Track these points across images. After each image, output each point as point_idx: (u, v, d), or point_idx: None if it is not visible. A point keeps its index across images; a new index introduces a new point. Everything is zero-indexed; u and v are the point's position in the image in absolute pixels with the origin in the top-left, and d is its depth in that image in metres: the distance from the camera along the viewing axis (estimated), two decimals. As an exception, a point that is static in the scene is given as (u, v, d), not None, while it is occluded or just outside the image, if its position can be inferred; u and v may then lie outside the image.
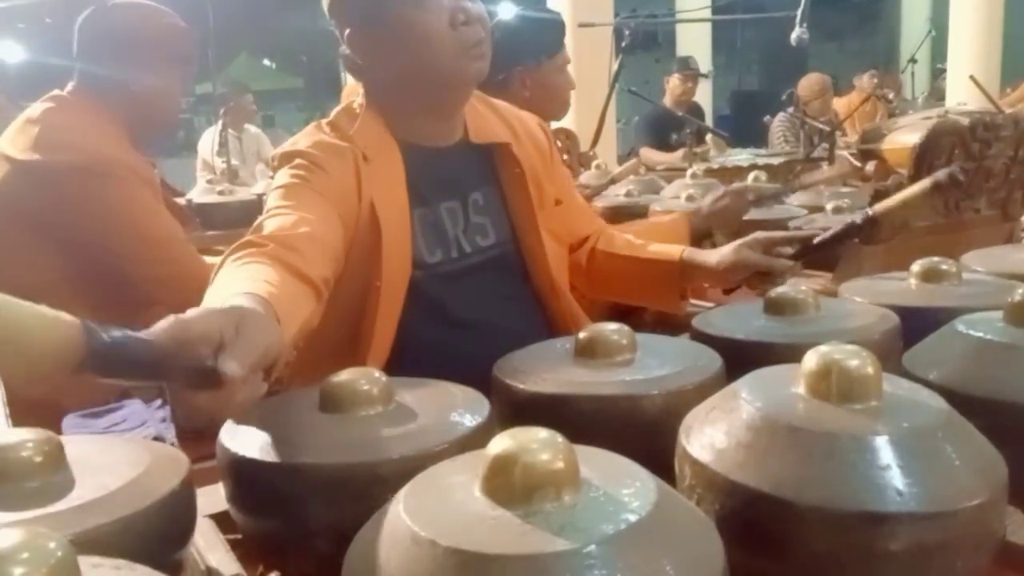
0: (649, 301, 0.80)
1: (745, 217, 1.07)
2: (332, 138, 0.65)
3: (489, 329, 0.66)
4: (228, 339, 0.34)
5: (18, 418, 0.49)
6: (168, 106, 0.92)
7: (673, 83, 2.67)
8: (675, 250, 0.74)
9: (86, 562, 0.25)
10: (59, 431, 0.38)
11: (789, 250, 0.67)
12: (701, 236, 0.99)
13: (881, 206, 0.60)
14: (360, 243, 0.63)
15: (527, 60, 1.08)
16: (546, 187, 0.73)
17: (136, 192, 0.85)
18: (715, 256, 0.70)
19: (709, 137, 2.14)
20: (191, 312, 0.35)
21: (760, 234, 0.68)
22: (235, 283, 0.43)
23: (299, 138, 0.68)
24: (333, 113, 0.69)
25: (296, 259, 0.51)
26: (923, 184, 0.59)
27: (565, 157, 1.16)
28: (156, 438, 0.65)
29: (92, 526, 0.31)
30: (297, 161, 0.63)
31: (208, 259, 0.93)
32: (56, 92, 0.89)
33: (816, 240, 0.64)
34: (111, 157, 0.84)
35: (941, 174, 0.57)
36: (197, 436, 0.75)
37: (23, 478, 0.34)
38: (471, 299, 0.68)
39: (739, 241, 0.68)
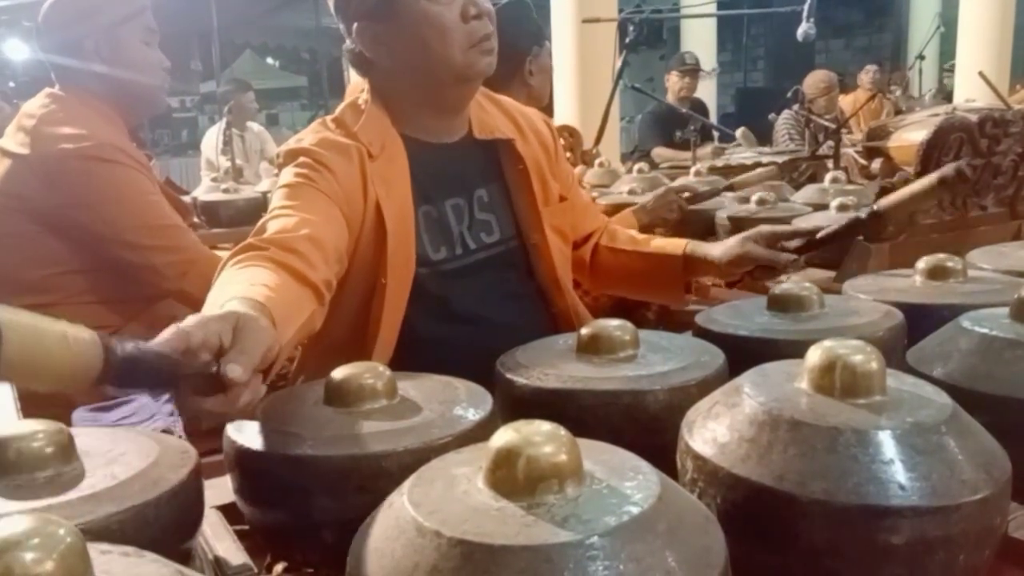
0: (652, 295, 0.80)
1: (749, 215, 1.08)
2: (337, 135, 0.65)
3: (492, 325, 0.67)
4: (227, 344, 0.36)
5: (29, 411, 0.49)
6: (144, 66, 0.90)
7: (672, 80, 2.67)
8: (679, 244, 0.74)
9: (95, 549, 0.26)
10: (69, 424, 0.39)
11: (793, 244, 0.66)
12: (645, 230, 1.06)
13: (886, 201, 0.60)
14: (366, 241, 0.63)
15: (533, 47, 1.11)
16: (550, 183, 0.73)
17: (136, 179, 0.85)
18: (719, 249, 0.70)
19: (739, 132, 2.13)
20: (190, 320, 0.36)
21: (764, 228, 0.68)
22: (233, 287, 0.44)
23: (304, 135, 0.68)
24: (338, 109, 0.69)
25: (296, 262, 0.51)
26: (929, 179, 0.58)
27: (568, 155, 1.19)
28: (164, 431, 0.65)
29: (102, 515, 0.32)
30: (302, 160, 0.63)
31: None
32: (49, 89, 0.89)
33: (820, 235, 0.64)
34: (109, 144, 0.84)
35: (948, 169, 0.56)
36: (205, 430, 0.76)
37: (35, 468, 0.35)
38: (475, 296, 0.68)
39: (744, 234, 0.68)
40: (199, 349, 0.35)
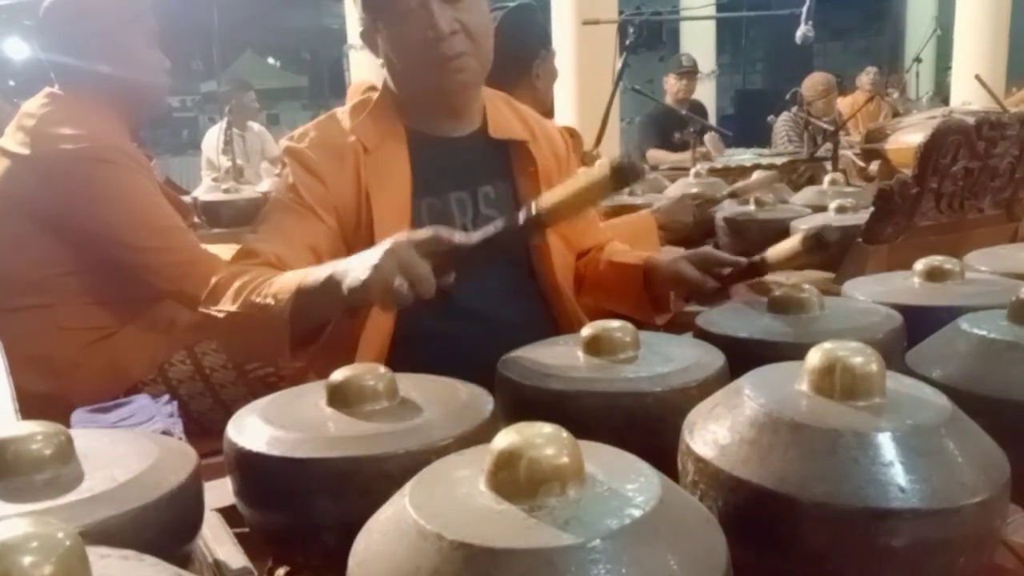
0: (621, 306, 0.77)
1: (750, 217, 1.09)
2: (340, 131, 0.68)
3: (492, 322, 0.67)
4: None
5: (28, 413, 0.49)
6: (146, 68, 0.90)
7: (670, 82, 2.68)
8: (643, 255, 0.74)
9: (94, 552, 0.25)
10: (68, 426, 0.39)
11: (724, 271, 0.66)
12: (661, 230, 1.08)
13: (771, 252, 0.62)
14: (362, 232, 0.65)
15: (541, 51, 1.12)
16: None
17: (135, 179, 0.85)
18: (663, 262, 0.70)
19: (707, 137, 2.14)
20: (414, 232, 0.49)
21: (703, 250, 0.68)
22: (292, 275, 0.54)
23: (309, 129, 0.70)
24: (349, 105, 0.71)
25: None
26: (792, 241, 0.59)
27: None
28: (164, 432, 0.65)
29: (101, 518, 0.32)
30: (294, 167, 0.66)
31: (209, 246, 0.94)
32: (49, 89, 0.89)
33: (732, 270, 0.65)
34: (110, 144, 0.84)
35: (810, 233, 0.57)
36: (204, 432, 0.76)
37: (33, 471, 0.34)
38: (476, 290, 0.68)
39: (684, 253, 0.69)
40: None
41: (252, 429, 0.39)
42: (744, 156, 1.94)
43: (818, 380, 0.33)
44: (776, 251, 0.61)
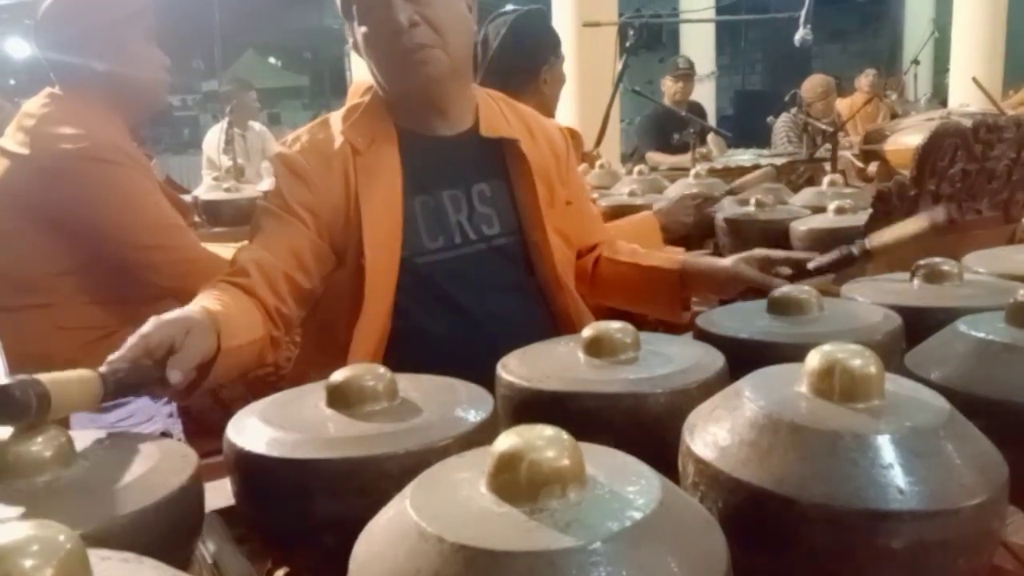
0: (649, 308, 0.80)
1: (750, 218, 1.09)
2: (331, 135, 0.68)
3: (491, 318, 0.68)
4: (179, 345, 0.46)
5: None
6: (145, 65, 0.89)
7: (667, 84, 2.70)
8: (676, 259, 0.75)
9: (95, 555, 0.25)
10: (67, 426, 0.39)
11: (786, 270, 0.67)
12: (662, 231, 1.09)
13: (878, 240, 0.61)
14: (350, 230, 0.66)
15: (550, 57, 1.13)
16: (557, 188, 0.74)
17: (135, 178, 0.85)
18: (714, 266, 0.71)
19: (710, 137, 2.15)
20: (148, 325, 0.46)
21: (759, 251, 0.69)
22: (200, 300, 0.55)
23: (302, 133, 0.70)
24: (345, 108, 0.72)
25: (264, 295, 0.61)
26: (919, 223, 0.59)
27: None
28: (163, 433, 0.65)
29: (102, 520, 0.32)
30: (281, 174, 0.67)
31: (210, 245, 0.94)
32: (49, 89, 0.89)
33: (811, 265, 0.65)
34: (109, 144, 0.84)
35: (939, 213, 0.57)
36: (204, 431, 0.76)
37: (34, 473, 0.35)
38: (474, 287, 0.69)
39: (739, 255, 0.69)
40: (156, 348, 0.45)
41: (252, 430, 0.39)
42: (744, 157, 1.95)
43: (817, 382, 0.33)
44: (887, 235, 0.59)
